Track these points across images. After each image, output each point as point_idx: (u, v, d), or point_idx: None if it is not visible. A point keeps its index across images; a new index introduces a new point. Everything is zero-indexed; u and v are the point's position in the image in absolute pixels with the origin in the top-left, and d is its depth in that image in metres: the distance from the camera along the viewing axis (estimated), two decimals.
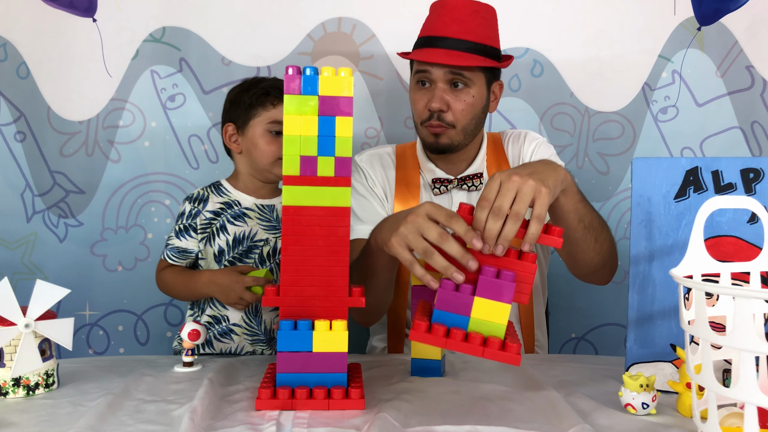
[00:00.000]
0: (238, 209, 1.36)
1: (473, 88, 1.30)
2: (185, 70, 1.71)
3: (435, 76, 1.28)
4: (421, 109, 1.32)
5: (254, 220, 1.36)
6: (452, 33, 1.27)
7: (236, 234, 1.34)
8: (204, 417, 0.85)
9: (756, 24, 1.75)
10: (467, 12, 1.28)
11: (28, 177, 1.71)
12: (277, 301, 0.93)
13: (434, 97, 1.28)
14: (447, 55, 1.26)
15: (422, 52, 1.29)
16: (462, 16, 1.27)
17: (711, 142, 1.77)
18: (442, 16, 1.29)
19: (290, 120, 0.92)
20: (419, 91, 1.32)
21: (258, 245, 1.35)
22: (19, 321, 0.94)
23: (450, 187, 1.37)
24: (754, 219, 0.94)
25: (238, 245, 1.34)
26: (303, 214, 0.93)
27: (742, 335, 0.67)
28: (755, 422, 0.67)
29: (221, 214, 1.35)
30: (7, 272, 1.67)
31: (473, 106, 1.31)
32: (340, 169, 0.93)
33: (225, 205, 1.36)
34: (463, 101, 1.29)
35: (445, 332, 0.85)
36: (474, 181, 1.36)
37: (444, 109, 1.29)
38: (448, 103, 1.29)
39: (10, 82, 1.68)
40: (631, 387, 0.88)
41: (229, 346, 1.34)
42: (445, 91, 1.29)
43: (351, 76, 0.92)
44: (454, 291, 0.88)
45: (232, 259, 1.34)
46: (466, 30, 1.27)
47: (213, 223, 1.35)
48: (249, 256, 1.35)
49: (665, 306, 0.96)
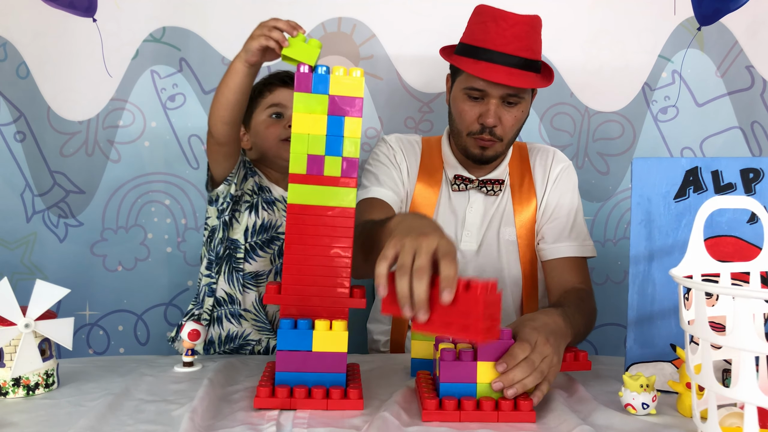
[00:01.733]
0: (269, 196, 1.36)
1: (523, 104, 1.31)
2: (185, 70, 1.71)
3: (491, 92, 1.28)
4: (470, 121, 1.31)
5: (281, 212, 1.36)
6: (512, 50, 1.26)
7: (264, 220, 1.34)
8: (204, 417, 0.85)
9: (756, 24, 1.75)
10: (527, 29, 1.27)
11: (28, 177, 1.71)
12: (278, 300, 0.93)
13: (489, 113, 1.28)
14: (508, 74, 1.25)
15: (480, 66, 1.27)
16: (521, 33, 1.26)
17: (711, 142, 1.77)
18: (501, 29, 1.26)
19: (299, 118, 0.92)
20: (468, 102, 1.31)
21: (280, 237, 1.35)
22: (19, 321, 0.94)
23: (470, 186, 1.38)
24: (754, 219, 0.94)
25: (264, 231, 1.34)
26: (308, 213, 0.93)
27: (742, 335, 0.67)
28: (755, 422, 0.67)
29: (256, 196, 1.35)
30: (7, 272, 1.67)
31: (520, 120, 1.33)
32: (347, 170, 0.93)
33: (259, 189, 1.36)
34: (514, 116, 1.31)
35: (456, 405, 0.87)
36: (494, 186, 1.38)
37: (497, 124, 1.30)
38: (500, 118, 1.30)
39: (9, 82, 1.68)
40: (631, 387, 0.88)
41: (237, 330, 1.34)
42: (498, 107, 1.29)
43: (362, 77, 0.92)
44: (455, 360, 0.89)
45: (253, 244, 1.33)
46: (524, 47, 1.27)
47: (252, 199, 1.34)
48: (270, 247, 1.35)
49: (665, 306, 0.96)
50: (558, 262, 1.35)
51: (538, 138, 1.75)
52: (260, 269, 1.34)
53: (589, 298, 1.26)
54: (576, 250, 1.35)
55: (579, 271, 1.34)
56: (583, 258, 1.36)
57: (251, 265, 1.33)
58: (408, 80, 1.75)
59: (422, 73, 1.75)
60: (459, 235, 1.39)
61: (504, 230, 1.39)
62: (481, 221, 1.39)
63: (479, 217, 1.39)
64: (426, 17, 1.73)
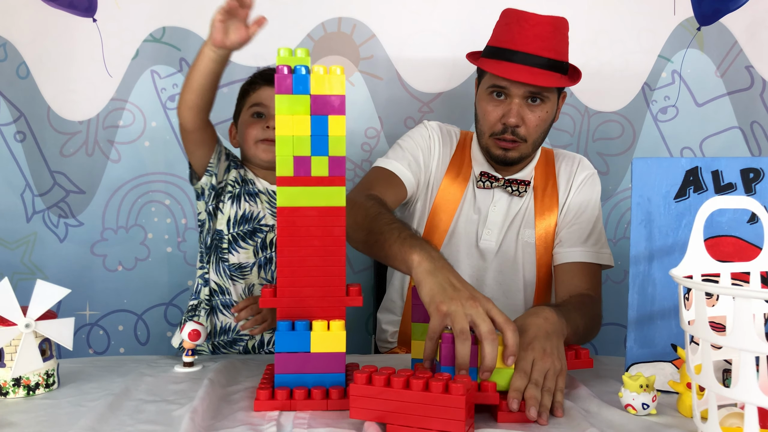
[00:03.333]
0: (252, 188, 1.37)
1: (547, 104, 1.31)
2: (185, 70, 1.71)
3: (513, 91, 1.28)
4: (493, 121, 1.31)
5: (264, 203, 1.36)
6: (534, 50, 1.26)
7: (246, 211, 1.34)
8: (204, 417, 0.85)
9: (756, 24, 1.75)
10: (550, 29, 1.27)
11: (28, 177, 1.71)
12: (274, 303, 0.93)
13: (511, 112, 1.28)
14: (530, 73, 1.25)
15: (502, 66, 1.27)
16: (544, 33, 1.27)
17: (711, 142, 1.77)
18: (524, 30, 1.27)
19: (282, 120, 0.91)
20: (492, 102, 1.31)
21: (263, 230, 1.35)
22: (19, 321, 0.94)
23: (495, 185, 1.37)
24: (754, 219, 0.94)
25: (245, 223, 1.34)
26: (298, 214, 0.92)
27: (742, 335, 0.67)
28: (755, 422, 0.67)
29: (237, 186, 1.35)
30: (7, 272, 1.67)
31: (546, 121, 1.32)
32: (334, 169, 0.92)
33: (242, 181, 1.36)
34: (538, 116, 1.30)
35: None
36: (520, 187, 1.37)
37: (520, 123, 1.29)
38: (523, 117, 1.29)
39: (9, 81, 1.68)
40: (631, 387, 0.88)
41: (229, 322, 1.35)
42: (521, 106, 1.29)
43: (343, 74, 0.91)
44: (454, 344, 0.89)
45: (236, 234, 1.34)
46: (548, 47, 1.27)
47: (234, 189, 1.34)
48: (253, 239, 1.35)
49: (665, 306, 0.96)
50: (569, 267, 1.33)
51: None
52: (243, 261, 1.34)
53: (593, 303, 1.23)
54: (589, 256, 1.32)
55: (589, 277, 1.31)
56: (596, 265, 1.33)
57: (234, 257, 1.34)
58: (408, 80, 1.75)
59: (422, 73, 1.75)
60: (480, 232, 1.38)
61: (524, 232, 1.38)
62: (503, 221, 1.38)
63: (501, 216, 1.38)
64: (426, 17, 1.73)
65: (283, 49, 0.92)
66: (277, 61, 0.92)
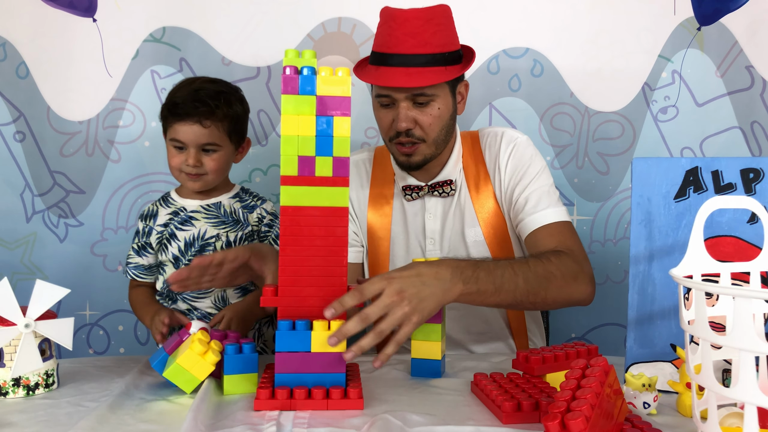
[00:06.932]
0: (184, 215, 1.39)
1: (438, 101, 1.24)
2: (185, 70, 1.71)
3: (396, 96, 1.22)
4: (386, 127, 1.27)
5: (201, 221, 1.38)
6: (407, 49, 1.19)
7: (186, 238, 1.37)
8: (205, 417, 0.85)
9: (756, 24, 1.75)
10: (420, 23, 1.19)
11: (28, 177, 1.71)
12: (275, 302, 0.93)
13: (399, 117, 1.22)
14: (406, 75, 1.18)
15: (379, 73, 1.21)
16: (415, 29, 1.19)
17: (711, 142, 1.77)
18: (394, 30, 1.20)
19: (288, 120, 0.92)
20: (382, 110, 1.26)
21: (210, 242, 1.37)
22: (19, 321, 0.94)
23: (422, 193, 1.33)
24: (754, 219, 0.94)
25: (190, 248, 1.37)
26: (301, 214, 0.93)
27: (742, 335, 0.67)
28: (755, 422, 0.67)
29: (169, 224, 1.39)
30: (7, 272, 1.67)
31: (440, 117, 1.25)
32: (338, 169, 0.93)
33: (173, 215, 1.39)
34: (430, 115, 1.23)
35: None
36: (444, 188, 1.32)
37: (411, 126, 1.23)
38: (415, 119, 1.23)
39: (9, 81, 1.68)
40: (633, 386, 0.88)
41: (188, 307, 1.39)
42: (409, 108, 1.23)
43: (349, 76, 0.92)
44: None
45: (188, 262, 1.37)
46: (421, 43, 1.19)
47: (163, 234, 1.39)
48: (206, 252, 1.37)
49: (665, 306, 0.96)
50: (531, 237, 1.26)
51: (538, 138, 1.75)
52: None
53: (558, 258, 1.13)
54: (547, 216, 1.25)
55: (555, 236, 1.23)
56: (561, 222, 1.25)
57: None
58: None
59: None
60: (423, 245, 1.35)
61: (469, 231, 1.32)
62: (441, 227, 1.34)
63: (439, 222, 1.34)
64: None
65: (290, 51, 0.92)
66: (284, 61, 0.93)
